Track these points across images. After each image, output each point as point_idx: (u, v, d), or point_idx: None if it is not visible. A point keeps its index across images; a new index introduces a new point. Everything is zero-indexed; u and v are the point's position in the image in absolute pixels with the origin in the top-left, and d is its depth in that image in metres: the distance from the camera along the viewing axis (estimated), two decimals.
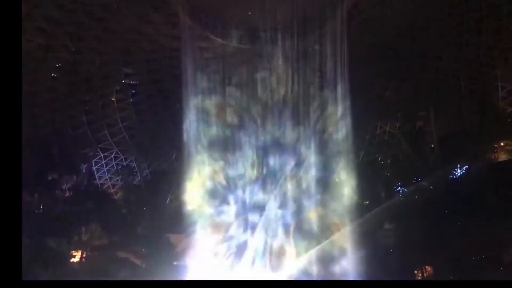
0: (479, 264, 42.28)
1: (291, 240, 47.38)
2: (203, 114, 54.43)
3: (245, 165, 53.15)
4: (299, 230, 47.64)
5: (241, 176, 52.57)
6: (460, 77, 60.89)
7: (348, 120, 53.09)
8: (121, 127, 64.35)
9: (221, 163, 52.79)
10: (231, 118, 55.33)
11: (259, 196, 51.71)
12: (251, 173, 53.30)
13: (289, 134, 55.99)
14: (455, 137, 58.71)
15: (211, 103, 55.09)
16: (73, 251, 51.65)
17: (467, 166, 54.09)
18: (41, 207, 53.11)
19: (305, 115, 57.04)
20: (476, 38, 57.50)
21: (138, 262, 52.56)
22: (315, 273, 43.57)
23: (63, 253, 48.63)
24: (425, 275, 47.88)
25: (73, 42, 53.34)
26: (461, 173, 54.94)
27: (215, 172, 52.10)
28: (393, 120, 68.81)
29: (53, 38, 51.60)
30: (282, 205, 50.22)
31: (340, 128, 54.32)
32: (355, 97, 55.91)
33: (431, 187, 51.63)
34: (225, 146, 53.84)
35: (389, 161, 67.58)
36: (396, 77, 61.30)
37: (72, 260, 51.49)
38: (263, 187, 53.02)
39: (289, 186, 51.67)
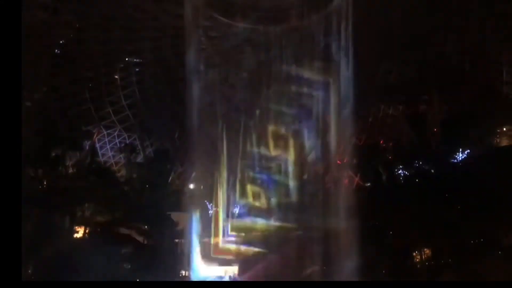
0: (478, 248, 42.50)
1: None
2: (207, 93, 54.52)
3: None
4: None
5: None
6: (464, 61, 60.48)
7: (351, 102, 53.10)
8: (124, 105, 64.35)
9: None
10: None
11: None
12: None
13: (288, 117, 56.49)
14: (458, 122, 58.55)
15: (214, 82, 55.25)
16: (76, 227, 52.06)
17: (468, 151, 54.04)
18: (45, 182, 53.32)
19: (307, 97, 57.08)
20: (481, 23, 56.95)
21: (140, 239, 53.15)
22: None
23: (67, 229, 49.10)
24: (423, 257, 48.23)
25: (77, 19, 53.04)
26: (463, 157, 54.88)
27: None
28: (396, 103, 68.64)
29: (57, 15, 51.30)
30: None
31: (343, 110, 54.39)
32: (359, 80, 55.77)
33: (432, 171, 51.74)
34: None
35: (391, 144, 67.58)
36: (400, 60, 60.91)
37: (75, 235, 51.93)
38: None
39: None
